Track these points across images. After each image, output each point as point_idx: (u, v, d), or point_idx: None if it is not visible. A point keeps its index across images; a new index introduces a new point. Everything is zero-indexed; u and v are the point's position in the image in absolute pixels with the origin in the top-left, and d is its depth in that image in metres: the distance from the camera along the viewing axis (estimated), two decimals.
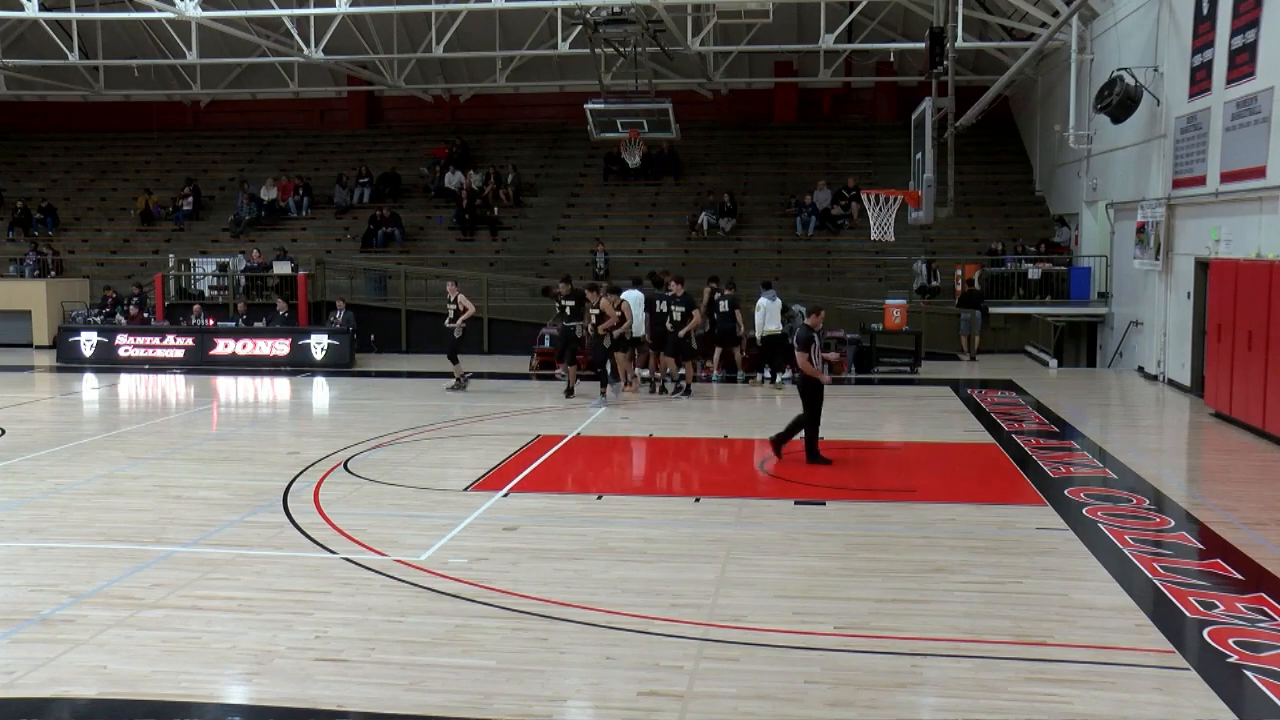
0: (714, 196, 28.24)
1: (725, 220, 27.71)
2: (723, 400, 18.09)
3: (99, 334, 22.91)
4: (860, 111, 32.31)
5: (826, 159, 29.97)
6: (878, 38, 26.95)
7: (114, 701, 5.88)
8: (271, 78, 31.38)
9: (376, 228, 28.07)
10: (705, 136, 30.57)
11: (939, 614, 7.20)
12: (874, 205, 17.25)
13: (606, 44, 22.64)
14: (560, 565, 8.29)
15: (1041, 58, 24.59)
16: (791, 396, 18.18)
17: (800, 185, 28.50)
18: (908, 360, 20.98)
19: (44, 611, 7.22)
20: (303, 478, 11.34)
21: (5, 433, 14.21)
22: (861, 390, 18.99)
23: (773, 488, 11.25)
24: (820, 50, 25.75)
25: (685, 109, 25.97)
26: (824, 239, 27.26)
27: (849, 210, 27.11)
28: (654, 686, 6.05)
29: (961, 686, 6.07)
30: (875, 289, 24.30)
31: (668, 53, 24.55)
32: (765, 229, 28.12)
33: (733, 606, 7.36)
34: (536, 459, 12.52)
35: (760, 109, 32.42)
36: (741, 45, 26.53)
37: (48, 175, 33.30)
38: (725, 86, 31.27)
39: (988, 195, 27.97)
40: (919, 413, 16.39)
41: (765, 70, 31.41)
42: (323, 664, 6.35)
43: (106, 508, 10.17)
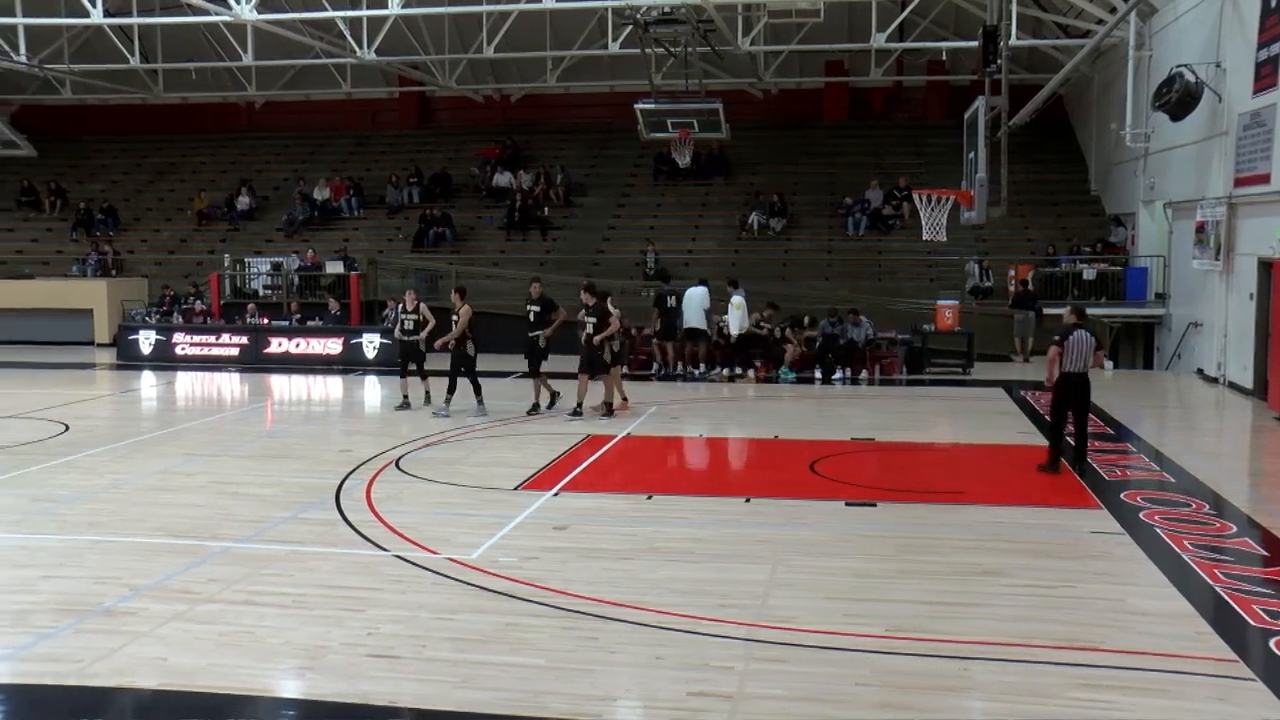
0: (764, 196, 28.16)
1: (775, 220, 27.62)
2: (772, 400, 18.04)
3: (157, 332, 23.29)
4: (911, 111, 32.05)
5: (877, 159, 29.77)
6: (929, 36, 26.73)
7: (173, 693, 5.98)
8: (324, 79, 31.73)
9: (427, 227, 28.29)
10: (755, 136, 30.46)
11: (989, 617, 7.14)
12: (926, 205, 17.14)
13: (657, 44, 22.66)
14: (610, 565, 8.32)
15: (1098, 55, 24.26)
16: (826, 398, 18.14)
17: (851, 185, 28.33)
18: (960, 361, 20.78)
19: (106, 603, 7.37)
20: (355, 475, 11.45)
21: (69, 429, 14.49)
22: (912, 391, 18.86)
23: (823, 489, 11.19)
24: (871, 49, 25.59)
25: (735, 109, 25.90)
26: (875, 239, 27.09)
27: (900, 210, 26.91)
28: (703, 687, 6.05)
29: (1012, 691, 6.01)
30: (926, 289, 24.10)
31: (718, 52, 24.50)
32: (815, 229, 27.99)
33: (782, 607, 7.34)
34: (586, 459, 12.56)
35: (810, 109, 32.26)
36: (792, 45, 26.42)
37: (108, 177, 33.92)
38: (775, 86, 31.17)
39: (1041, 195, 27.62)
40: (971, 414, 16.23)
41: (816, 70, 31.25)
42: (374, 660, 6.41)
43: (164, 503, 10.35)
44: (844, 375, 19.75)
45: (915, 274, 25.62)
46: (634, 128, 24.30)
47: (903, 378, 20.06)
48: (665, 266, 25.11)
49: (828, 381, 19.56)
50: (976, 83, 17.63)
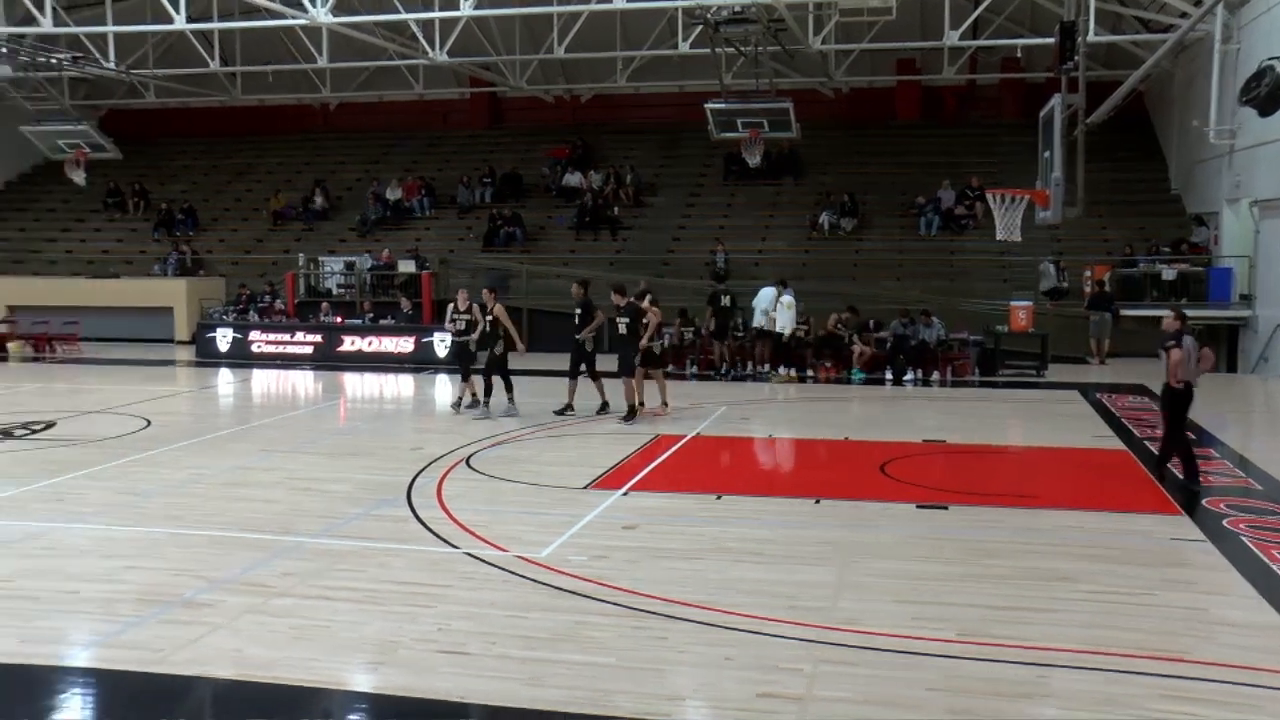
0: (835, 196, 27.96)
1: (846, 220, 27.41)
2: (842, 401, 17.91)
3: (234, 330, 23.76)
4: (985, 110, 31.61)
5: (949, 158, 29.39)
6: (1004, 34, 26.33)
7: (249, 684, 6.09)
8: (397, 80, 32.14)
9: (498, 227, 28.51)
10: (826, 136, 30.27)
11: (1064, 623, 7.00)
12: (1000, 205, 16.87)
13: (727, 43, 22.60)
14: (678, 565, 8.31)
15: (1181, 49, 23.70)
16: (897, 400, 17.96)
17: (922, 185, 28.02)
18: (1034, 363, 20.47)
19: (186, 594, 7.53)
20: (426, 473, 11.57)
21: (150, 424, 14.83)
22: (985, 393, 18.62)
23: (894, 491, 11.08)
24: (944, 47, 25.29)
25: (806, 108, 25.75)
26: (947, 239, 26.77)
27: (973, 210, 26.57)
28: (771, 688, 6.02)
29: (1090, 700, 5.88)
30: (999, 290, 23.77)
31: (788, 52, 24.41)
32: (886, 229, 27.74)
33: (851, 610, 7.27)
34: (656, 458, 12.56)
35: (882, 108, 31.94)
36: (863, 43, 26.19)
37: (189, 178, 34.68)
38: (846, 85, 30.93)
39: (1119, 194, 27.07)
40: (1045, 416, 15.98)
41: (887, 68, 30.94)
42: (445, 656, 6.47)
43: (240, 498, 10.54)
44: (915, 376, 19.57)
45: (988, 275, 25.28)
46: (704, 127, 24.27)
47: (975, 379, 19.82)
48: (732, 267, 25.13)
49: (899, 383, 19.42)
50: (1052, 80, 17.32)
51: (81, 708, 6.08)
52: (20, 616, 7.15)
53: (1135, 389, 18.07)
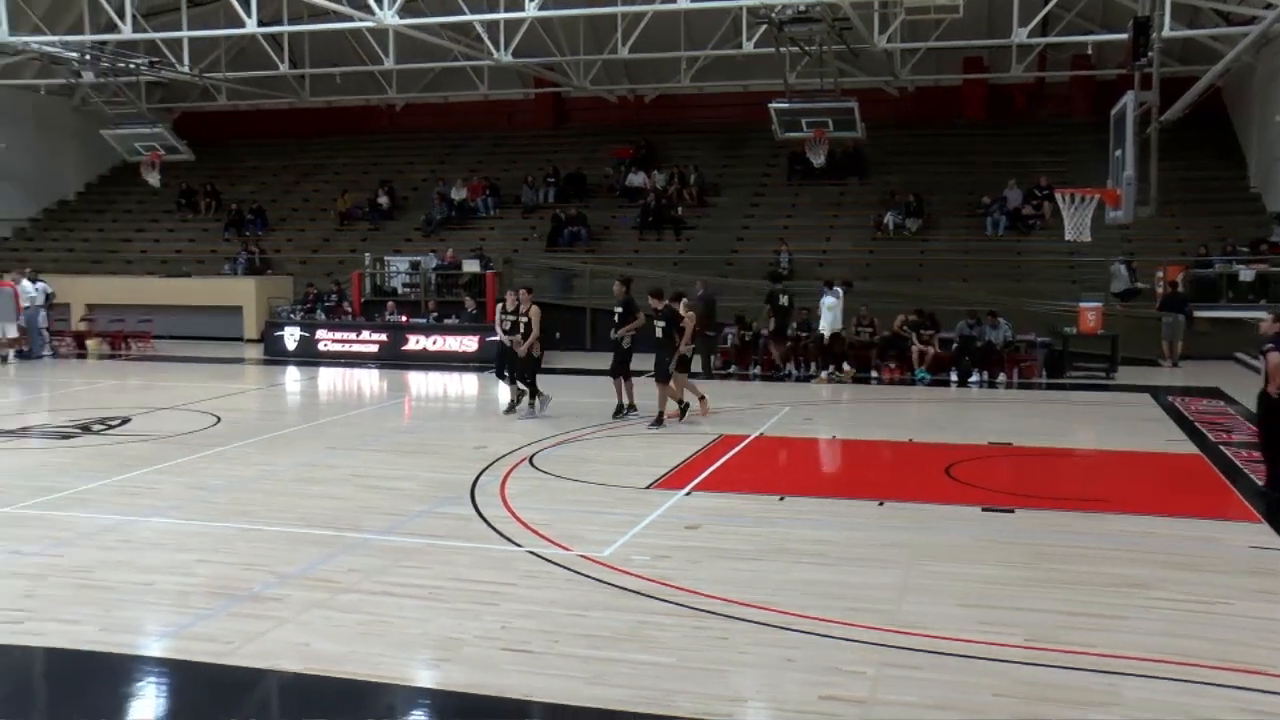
0: (900, 196, 27.70)
1: (911, 220, 27.16)
2: (907, 403, 17.75)
3: (301, 329, 24.11)
4: (1054, 107, 31.10)
5: (1017, 157, 28.98)
6: (1074, 30, 25.87)
7: (315, 678, 6.17)
8: (462, 81, 32.40)
9: (562, 227, 28.63)
10: (891, 135, 29.98)
11: (1136, 631, 6.86)
12: (1069, 205, 16.59)
13: (791, 43, 22.47)
14: (741, 565, 8.28)
15: (1265, 42, 23.08)
16: (962, 402, 17.73)
17: (989, 184, 27.67)
18: (1103, 365, 20.10)
19: (255, 588, 7.65)
20: (489, 471, 11.65)
21: (220, 420, 15.11)
22: (1052, 395, 18.33)
23: (959, 493, 10.95)
24: (1012, 45, 24.91)
25: (871, 107, 25.52)
26: (1014, 239, 26.40)
27: (1041, 210, 26.18)
28: (834, 691, 5.97)
29: (1165, 710, 5.76)
30: (1067, 291, 23.38)
31: (853, 51, 24.21)
32: (952, 229, 27.43)
33: (915, 613, 7.20)
34: (719, 459, 12.54)
35: (948, 106, 31.58)
36: (929, 41, 25.90)
37: (258, 179, 35.27)
38: (912, 84, 30.60)
39: (1194, 192, 26.49)
40: (1114, 419, 15.69)
41: (954, 67, 30.56)
42: (508, 654, 6.50)
43: (307, 494, 10.70)
44: (981, 378, 19.32)
45: (1056, 275, 24.88)
46: (768, 127, 24.17)
47: (1042, 381, 19.52)
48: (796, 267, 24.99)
49: (964, 384, 19.18)
50: (1125, 77, 16.98)
51: (156, 696, 6.22)
52: (100, 606, 7.32)
53: (1209, 392, 17.69)
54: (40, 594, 7.57)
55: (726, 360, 21.04)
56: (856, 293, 20.93)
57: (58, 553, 8.58)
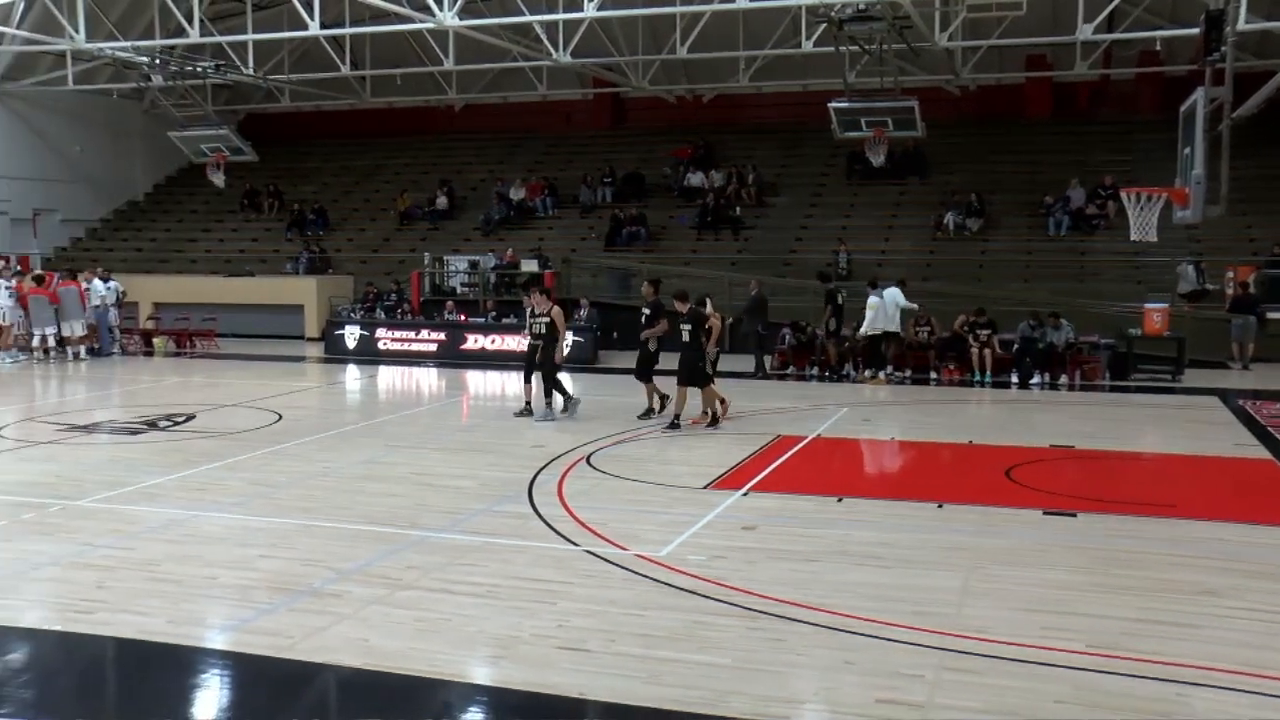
0: (960, 196, 27.41)
1: (972, 220, 26.85)
2: (966, 405, 17.55)
3: (361, 328, 24.38)
4: (1119, 105, 30.55)
5: (1080, 156, 28.54)
6: (1142, 25, 25.33)
7: (374, 673, 6.22)
8: (521, 82, 32.56)
9: (620, 227, 28.67)
10: (952, 134, 29.65)
11: (1208, 640, 6.70)
12: (1134, 204, 16.31)
13: (851, 42, 22.30)
14: (798, 566, 8.23)
15: None
16: (1022, 403, 17.48)
17: (1052, 184, 27.27)
18: (1169, 367, 19.72)
19: (315, 584, 7.74)
20: (547, 470, 11.70)
21: (282, 418, 15.32)
22: (1116, 398, 18.04)
23: (1020, 496, 10.80)
24: (1077, 42, 24.48)
25: (931, 106, 25.29)
26: (1077, 240, 26.01)
27: (1105, 209, 25.76)
28: (892, 694, 5.91)
29: None
30: (1132, 292, 22.97)
31: (914, 49, 23.96)
32: (1014, 229, 27.08)
33: (976, 617, 7.10)
34: (776, 459, 12.48)
35: (1010, 105, 31.16)
36: (991, 39, 25.55)
37: (320, 179, 35.73)
38: (973, 82, 30.24)
39: (1267, 191, 25.83)
40: (1182, 423, 15.40)
41: (1016, 65, 30.15)
42: (564, 652, 6.51)
43: (366, 491, 10.80)
44: (1042, 380, 19.06)
45: (1120, 276, 24.46)
46: (827, 127, 24.03)
47: (1105, 383, 19.21)
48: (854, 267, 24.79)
49: (1025, 386, 18.93)
50: (1195, 73, 16.68)
51: (220, 688, 6.32)
52: (167, 598, 7.46)
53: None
54: (110, 586, 7.73)
55: (784, 361, 20.96)
56: (915, 293, 20.69)
57: (127, 546, 8.75)
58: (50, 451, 12.96)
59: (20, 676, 6.48)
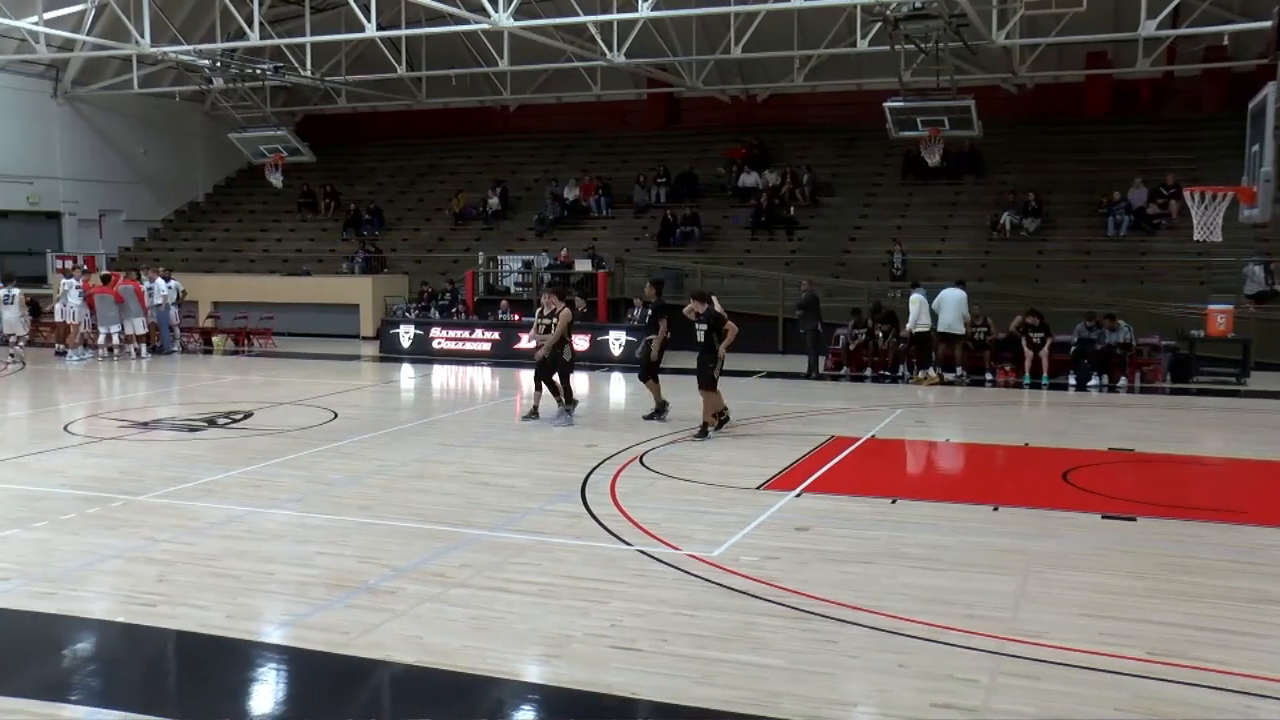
0: (1017, 196, 27.07)
1: (1029, 220, 26.52)
2: (1022, 406, 17.34)
3: (416, 327, 24.59)
4: (1183, 102, 30.00)
5: (1141, 154, 28.06)
6: (1208, 20, 24.77)
7: (428, 670, 6.28)
8: (575, 82, 32.65)
9: (674, 227, 28.66)
10: (1009, 133, 29.32)
11: (1273, 650, 6.56)
12: (1198, 203, 16.00)
13: (907, 40, 22.12)
14: (851, 568, 8.19)
15: None
16: (1080, 406, 17.23)
17: (1111, 183, 26.83)
18: (1234, 370, 19.35)
19: (370, 581, 7.83)
20: (600, 470, 11.73)
21: (337, 416, 15.50)
22: (1178, 401, 17.73)
23: (1077, 500, 10.64)
24: (1139, 38, 24.05)
25: (988, 105, 24.97)
26: (1138, 240, 25.58)
27: (1167, 209, 25.32)
28: (946, 698, 5.86)
29: None
30: (1195, 293, 22.54)
31: (971, 48, 23.72)
32: (1072, 229, 26.69)
33: (1032, 621, 7.02)
34: (830, 460, 12.42)
35: (1069, 103, 30.71)
36: (1050, 37, 25.17)
37: (375, 179, 36.09)
38: (1031, 81, 29.82)
39: None
40: (1246, 426, 15.10)
41: (1076, 62, 29.68)
42: (617, 652, 6.53)
43: (421, 490, 10.90)
44: (1100, 382, 18.78)
45: (1183, 277, 24.01)
46: (882, 126, 23.85)
47: (1166, 386, 18.88)
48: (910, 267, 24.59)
49: (1082, 388, 18.67)
50: (1265, 68, 16.35)
51: (277, 682, 6.41)
52: (225, 593, 7.58)
53: None
54: (171, 580, 7.87)
55: (838, 362, 20.84)
56: (970, 293, 20.46)
57: (187, 541, 8.91)
58: (114, 447, 13.22)
59: (88, 666, 6.66)
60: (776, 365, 21.26)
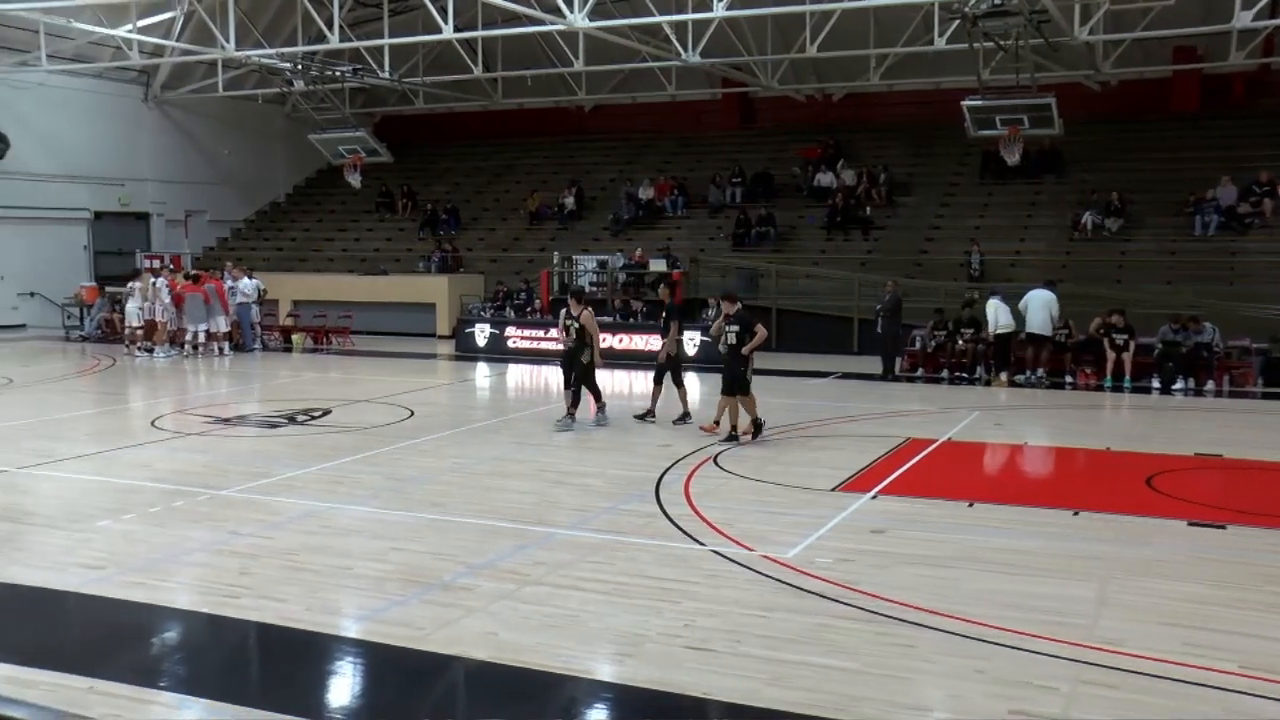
0: (1099, 195, 26.51)
1: (1112, 220, 25.96)
2: (1103, 410, 16.99)
3: (491, 326, 24.80)
4: (1278, 96, 29.09)
5: (1231, 151, 27.28)
6: None
7: (502, 666, 6.33)
8: (650, 82, 32.67)
9: (749, 227, 28.57)
10: (1091, 131, 28.68)
11: None
12: None
13: (986, 38, 21.77)
14: (927, 572, 8.09)
15: None
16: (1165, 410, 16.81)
17: (1199, 181, 26.13)
18: None
19: (445, 578, 7.91)
20: (674, 470, 11.72)
21: (414, 414, 15.69)
22: (1269, 405, 17.25)
23: (1162, 506, 10.40)
24: (1233, 31, 23.35)
25: (1069, 102, 24.47)
26: (1227, 239, 24.89)
27: (1260, 207, 24.63)
28: (1025, 705, 5.76)
29: None
30: None
31: (1052, 44, 23.27)
32: (1157, 229, 26.07)
33: (1113, 629, 6.87)
34: (906, 462, 12.28)
35: (1154, 100, 29.97)
36: (1135, 32, 24.61)
37: (452, 179, 36.48)
38: (1115, 77, 29.18)
39: None
40: None
41: (1162, 57, 28.93)
42: (689, 652, 6.52)
43: (495, 488, 10.97)
44: (1186, 386, 18.32)
45: (1276, 278, 23.31)
46: (959, 125, 23.51)
47: (1258, 390, 18.36)
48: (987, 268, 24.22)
49: (1167, 392, 18.22)
50: None
51: (353, 675, 6.51)
52: (304, 586, 7.72)
53: None
54: (253, 572, 8.03)
55: (914, 363, 20.60)
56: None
57: (268, 535, 9.08)
58: (198, 443, 13.52)
59: (175, 654, 6.85)
60: (851, 366, 21.06)
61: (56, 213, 30.90)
